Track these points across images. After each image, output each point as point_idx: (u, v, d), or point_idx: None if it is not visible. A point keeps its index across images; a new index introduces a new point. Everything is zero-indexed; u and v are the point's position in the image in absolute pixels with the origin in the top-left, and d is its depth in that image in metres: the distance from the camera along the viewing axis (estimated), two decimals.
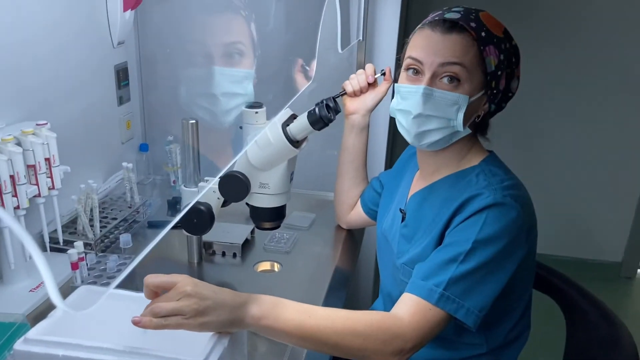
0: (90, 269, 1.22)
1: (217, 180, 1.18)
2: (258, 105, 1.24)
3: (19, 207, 1.11)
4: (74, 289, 0.94)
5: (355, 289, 2.02)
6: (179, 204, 1.50)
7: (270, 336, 0.86)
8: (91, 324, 0.86)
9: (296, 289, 1.28)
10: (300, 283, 1.31)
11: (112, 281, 1.20)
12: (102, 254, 1.30)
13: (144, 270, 0.89)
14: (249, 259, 1.39)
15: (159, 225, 1.50)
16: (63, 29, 1.38)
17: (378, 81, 1.33)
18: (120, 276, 0.71)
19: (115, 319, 0.86)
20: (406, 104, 1.01)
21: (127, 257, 1.29)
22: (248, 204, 1.25)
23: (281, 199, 1.23)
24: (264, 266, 1.37)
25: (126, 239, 1.37)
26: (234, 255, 1.39)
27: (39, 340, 0.78)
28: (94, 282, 1.18)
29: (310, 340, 0.86)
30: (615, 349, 1.05)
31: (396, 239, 1.13)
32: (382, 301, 1.24)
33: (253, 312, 0.83)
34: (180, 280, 0.81)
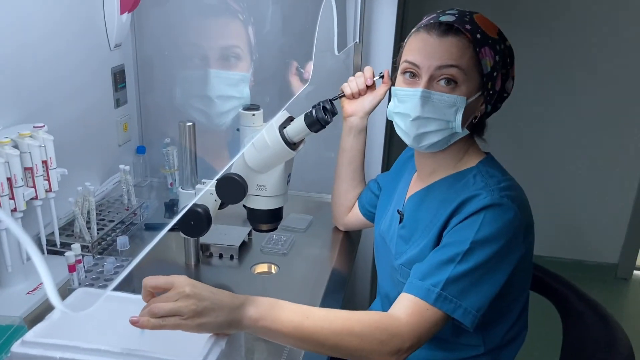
0: (87, 272, 1.22)
1: (215, 182, 1.18)
2: (255, 108, 1.24)
3: (16, 209, 1.11)
4: (71, 292, 0.94)
5: (352, 290, 2.02)
6: (176, 206, 1.51)
7: (268, 337, 0.86)
8: (88, 326, 0.86)
9: (293, 290, 1.28)
10: (298, 285, 1.31)
11: (109, 283, 1.20)
12: (99, 256, 1.30)
13: (141, 273, 0.90)
14: (246, 261, 1.39)
15: (156, 228, 1.50)
16: (60, 32, 1.38)
17: (376, 84, 1.34)
18: (118, 278, 0.71)
19: (112, 321, 0.86)
20: (404, 106, 1.01)
21: (124, 260, 1.29)
22: (245, 206, 1.25)
23: (278, 201, 1.24)
24: (261, 268, 1.37)
25: (123, 241, 1.37)
26: (231, 257, 1.39)
27: (36, 343, 0.78)
28: (91, 285, 1.18)
29: (308, 341, 0.86)
30: (611, 350, 1.05)
31: (394, 240, 1.14)
32: (380, 302, 1.25)
33: (251, 314, 0.83)
34: (178, 281, 0.81)
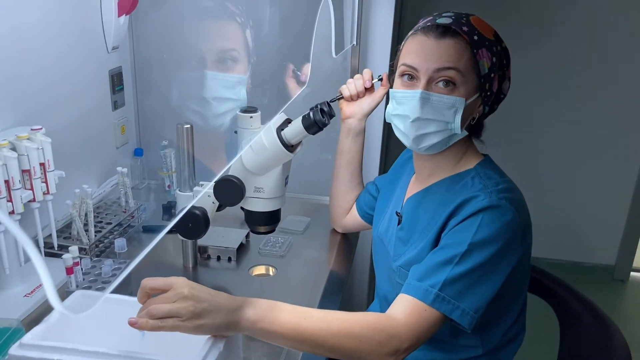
0: (85, 274, 1.22)
1: (212, 184, 1.18)
2: (253, 110, 1.24)
3: (13, 212, 1.11)
4: (68, 294, 0.94)
5: (350, 292, 2.02)
6: (174, 208, 1.51)
7: (266, 339, 0.86)
8: (86, 328, 0.86)
9: (291, 292, 1.28)
10: (296, 287, 1.31)
11: (107, 286, 1.19)
12: (96, 259, 1.29)
13: (138, 275, 0.89)
14: (244, 263, 1.39)
15: (153, 230, 1.50)
16: (57, 35, 1.38)
17: (375, 86, 1.34)
18: (116, 280, 0.71)
19: (110, 323, 0.86)
20: (403, 108, 1.01)
21: (122, 262, 1.29)
22: (243, 208, 1.25)
23: (276, 203, 1.24)
24: (259, 270, 1.37)
25: (121, 243, 1.37)
26: (229, 260, 1.39)
27: (34, 345, 0.78)
28: (88, 287, 1.18)
29: (306, 343, 0.86)
30: (608, 351, 1.06)
31: (392, 242, 1.14)
32: (378, 304, 1.25)
33: (249, 316, 0.83)
34: (177, 282, 0.81)
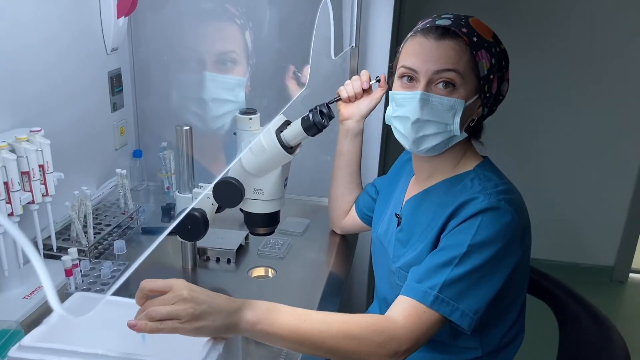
0: (84, 276, 1.22)
1: (212, 186, 1.18)
2: (252, 112, 1.24)
3: (12, 213, 1.11)
4: (68, 296, 0.94)
5: (349, 294, 2.02)
6: (173, 210, 1.50)
7: (266, 341, 0.86)
8: (85, 330, 0.86)
9: (290, 294, 1.28)
10: (295, 288, 1.31)
11: (106, 287, 1.20)
12: (96, 261, 1.29)
13: (137, 277, 0.89)
14: (243, 264, 1.39)
15: (153, 232, 1.50)
16: (56, 36, 1.38)
17: (373, 88, 1.34)
18: (117, 282, 0.71)
19: (109, 325, 0.86)
20: (403, 110, 1.01)
21: (121, 264, 1.29)
22: (242, 210, 1.25)
23: (275, 204, 1.24)
24: (258, 272, 1.37)
25: (120, 245, 1.37)
26: (228, 261, 1.39)
27: (33, 347, 0.78)
28: (88, 289, 1.18)
29: (305, 345, 0.86)
30: (607, 352, 1.06)
31: (392, 244, 1.14)
32: (377, 305, 1.25)
33: (248, 318, 0.83)
34: (176, 284, 0.81)
